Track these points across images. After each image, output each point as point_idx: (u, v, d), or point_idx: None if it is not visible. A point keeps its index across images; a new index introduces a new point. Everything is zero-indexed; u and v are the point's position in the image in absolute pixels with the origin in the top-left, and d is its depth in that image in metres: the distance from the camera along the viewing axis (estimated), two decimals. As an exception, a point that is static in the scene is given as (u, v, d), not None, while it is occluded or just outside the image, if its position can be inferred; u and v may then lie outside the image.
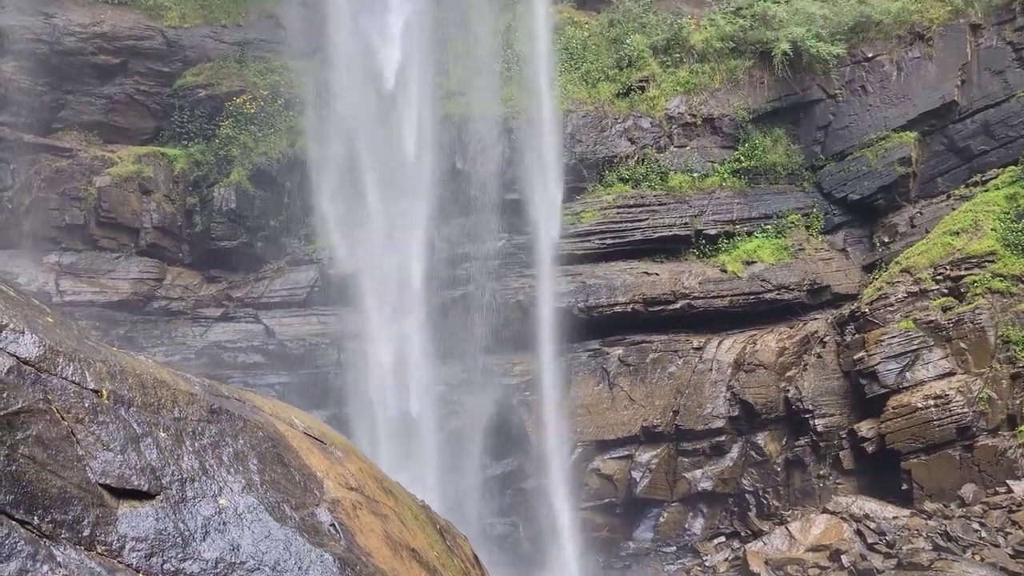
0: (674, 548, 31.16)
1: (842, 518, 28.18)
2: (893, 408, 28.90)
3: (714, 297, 32.70)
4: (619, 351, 32.56)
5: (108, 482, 7.16)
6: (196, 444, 8.20)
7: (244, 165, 33.51)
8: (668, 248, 33.71)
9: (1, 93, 32.00)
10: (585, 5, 38.05)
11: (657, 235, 33.46)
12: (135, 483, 7.34)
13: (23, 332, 7.29)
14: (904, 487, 28.54)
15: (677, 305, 32.63)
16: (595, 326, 32.63)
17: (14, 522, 6.38)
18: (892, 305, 30.42)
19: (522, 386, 32.20)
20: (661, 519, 31.47)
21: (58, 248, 32.70)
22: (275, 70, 34.82)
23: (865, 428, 29.59)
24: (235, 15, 35.80)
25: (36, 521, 6.53)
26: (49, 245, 32.61)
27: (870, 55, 34.38)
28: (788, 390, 31.31)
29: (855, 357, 30.26)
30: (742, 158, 34.50)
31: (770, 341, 32.22)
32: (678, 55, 35.57)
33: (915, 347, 29.45)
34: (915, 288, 30.49)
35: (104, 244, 33.05)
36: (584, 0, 38.10)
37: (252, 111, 33.92)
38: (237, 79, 34.67)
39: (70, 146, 33.30)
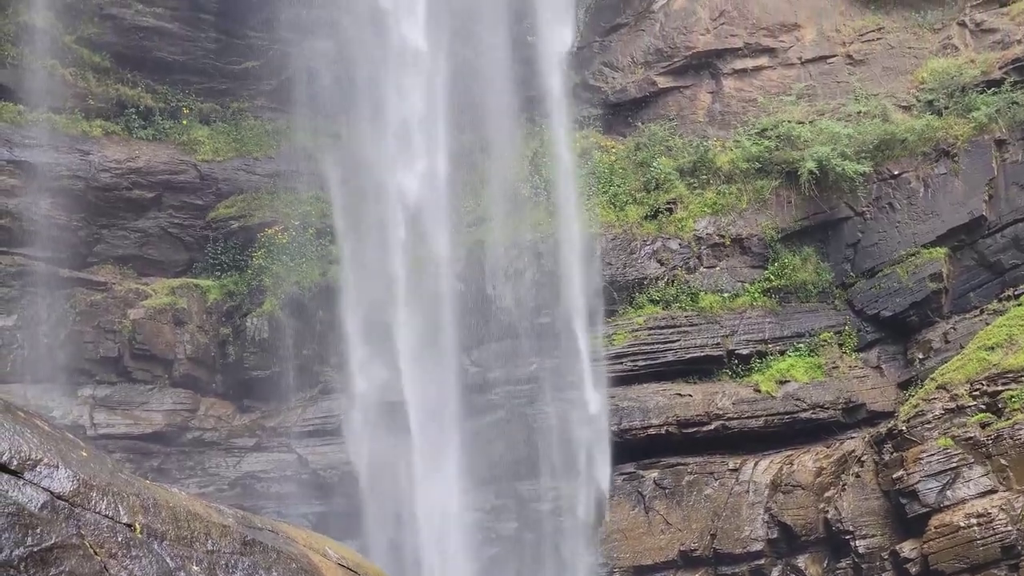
0: None
1: (888, 643, 27.57)
2: (935, 528, 28.36)
3: (748, 417, 32.40)
4: (654, 474, 32.21)
5: (141, 618, 7.10)
6: (229, 577, 8.13)
7: (277, 295, 33.71)
8: (700, 369, 33.51)
9: (37, 229, 32.46)
10: (611, 130, 38.45)
11: (689, 356, 33.29)
12: (168, 619, 7.27)
13: (57, 467, 7.30)
14: (950, 609, 27.91)
15: (711, 426, 32.35)
16: (629, 449, 32.32)
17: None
18: (930, 422, 30.01)
19: (556, 512, 31.87)
20: (703, 648, 30.84)
21: (92, 381, 32.81)
22: (305, 200, 35.23)
23: (907, 549, 29.01)
24: (267, 147, 36.37)
25: (68, 660, 6.46)
26: (83, 378, 32.74)
27: (896, 172, 34.50)
28: (827, 511, 30.81)
29: (894, 476, 29.80)
30: (772, 277, 34.46)
31: (807, 461, 31.82)
32: (705, 177, 35.76)
33: (955, 465, 28.99)
34: (952, 404, 30.11)
35: (138, 376, 33.16)
36: (610, 125, 38.51)
37: (284, 241, 34.26)
38: (269, 210, 35.07)
39: (105, 280, 33.64)
